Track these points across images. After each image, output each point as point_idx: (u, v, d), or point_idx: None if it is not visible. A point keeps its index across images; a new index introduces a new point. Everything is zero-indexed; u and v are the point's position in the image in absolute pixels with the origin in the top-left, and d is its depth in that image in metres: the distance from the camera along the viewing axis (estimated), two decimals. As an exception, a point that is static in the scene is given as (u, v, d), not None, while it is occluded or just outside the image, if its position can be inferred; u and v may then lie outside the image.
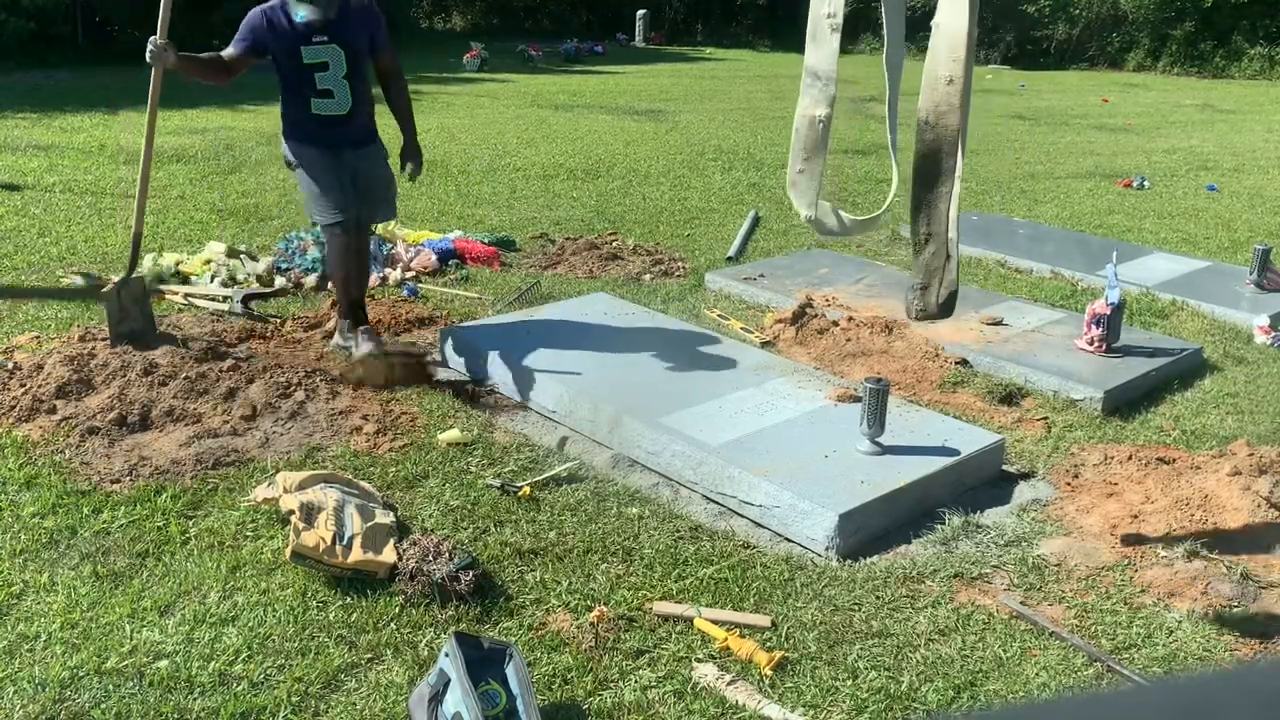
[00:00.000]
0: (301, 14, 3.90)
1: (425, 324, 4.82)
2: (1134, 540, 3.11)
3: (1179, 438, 3.90)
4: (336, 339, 4.38)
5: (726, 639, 2.58)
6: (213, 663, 2.47)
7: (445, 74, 15.30)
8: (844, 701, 2.43)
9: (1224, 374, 4.56)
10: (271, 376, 3.96)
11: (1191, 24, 19.69)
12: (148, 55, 3.77)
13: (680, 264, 5.98)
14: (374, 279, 5.09)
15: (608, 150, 9.65)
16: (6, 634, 2.56)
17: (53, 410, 3.69)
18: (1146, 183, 8.86)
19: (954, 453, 3.44)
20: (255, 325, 4.66)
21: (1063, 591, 2.90)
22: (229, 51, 3.99)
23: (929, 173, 2.79)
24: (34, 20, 13.82)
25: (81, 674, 2.42)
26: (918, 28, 3.27)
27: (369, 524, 2.90)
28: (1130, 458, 3.61)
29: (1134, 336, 4.66)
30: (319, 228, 4.35)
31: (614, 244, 6.25)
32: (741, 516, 3.25)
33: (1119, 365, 4.38)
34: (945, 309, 2.98)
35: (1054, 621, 2.74)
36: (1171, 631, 2.73)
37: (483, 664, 2.31)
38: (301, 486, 3.06)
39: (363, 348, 4.10)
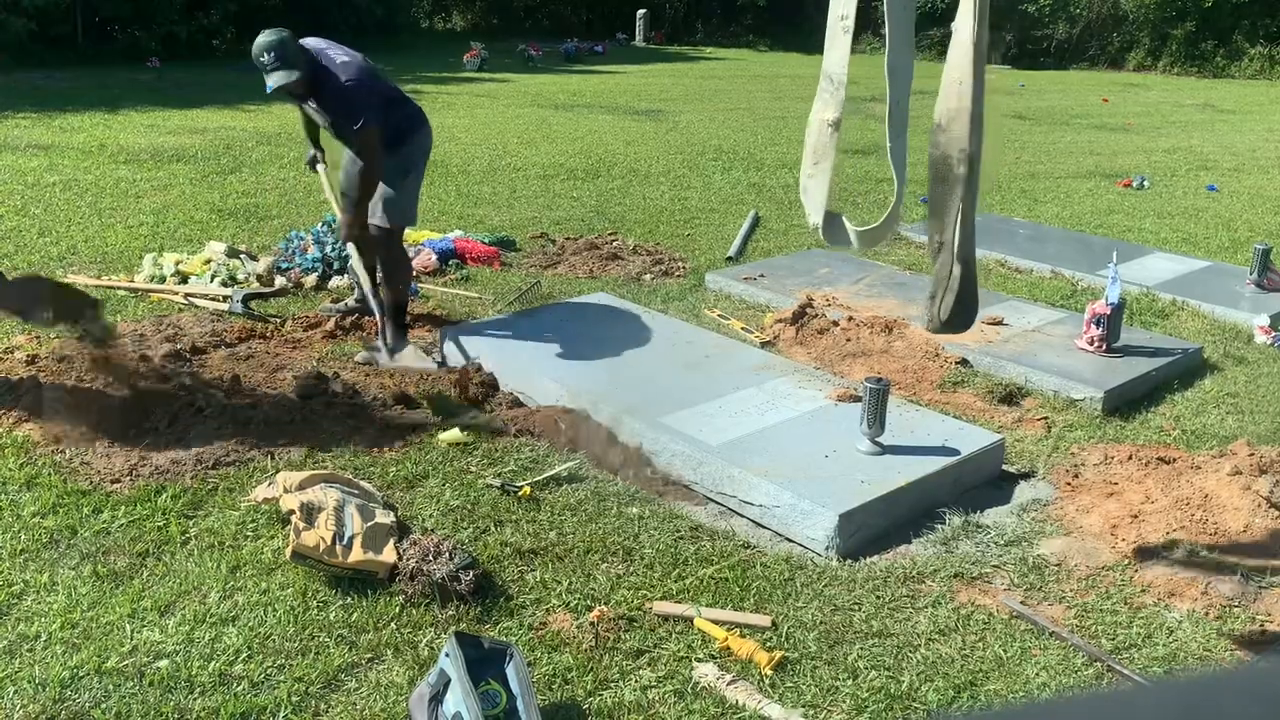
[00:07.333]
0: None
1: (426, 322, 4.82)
2: (1134, 540, 3.11)
3: (1179, 438, 3.90)
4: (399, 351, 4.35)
5: (726, 639, 2.58)
6: (213, 663, 2.47)
7: (445, 74, 15.30)
8: (844, 701, 2.43)
9: (1224, 374, 4.56)
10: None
11: (1192, 24, 19.70)
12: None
13: (680, 264, 5.98)
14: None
15: (608, 150, 9.64)
16: (6, 634, 2.56)
17: (53, 410, 3.69)
18: (1146, 183, 8.86)
19: (954, 453, 3.44)
20: (255, 325, 4.66)
21: (1063, 591, 2.90)
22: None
23: (940, 178, 2.74)
24: (34, 20, 13.82)
25: (81, 674, 2.42)
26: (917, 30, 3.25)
27: (369, 524, 2.90)
28: (1130, 458, 3.61)
29: (1134, 336, 4.66)
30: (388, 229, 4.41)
31: (614, 244, 6.25)
32: (741, 516, 3.25)
33: (1119, 365, 4.38)
34: (952, 324, 2.82)
35: (1054, 621, 2.74)
36: (1171, 631, 2.74)
37: (483, 664, 2.31)
38: (301, 486, 3.06)
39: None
